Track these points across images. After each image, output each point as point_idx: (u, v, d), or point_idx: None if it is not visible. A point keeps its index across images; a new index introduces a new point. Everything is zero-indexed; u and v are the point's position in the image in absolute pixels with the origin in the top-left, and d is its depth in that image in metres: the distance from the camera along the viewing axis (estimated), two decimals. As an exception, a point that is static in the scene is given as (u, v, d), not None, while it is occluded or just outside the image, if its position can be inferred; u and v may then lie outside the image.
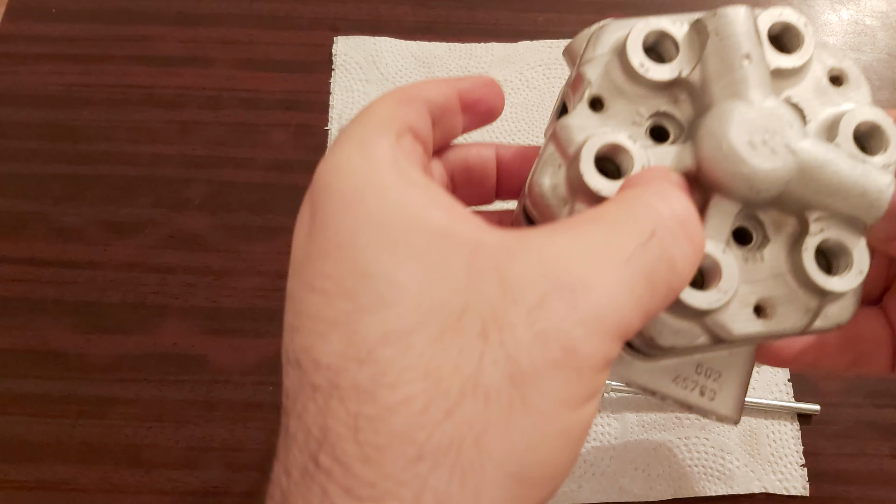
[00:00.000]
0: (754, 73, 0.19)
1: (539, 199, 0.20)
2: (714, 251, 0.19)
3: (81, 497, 0.33)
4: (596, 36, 0.21)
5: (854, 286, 0.19)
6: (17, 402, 0.35)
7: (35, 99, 0.42)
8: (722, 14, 0.20)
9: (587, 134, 0.19)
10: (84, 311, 0.37)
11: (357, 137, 0.18)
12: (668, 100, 0.21)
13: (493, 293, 0.15)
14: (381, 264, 0.16)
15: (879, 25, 0.46)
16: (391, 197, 0.17)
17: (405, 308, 0.15)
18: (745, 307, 0.19)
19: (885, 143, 0.21)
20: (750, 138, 0.18)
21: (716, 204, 0.19)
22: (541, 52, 0.44)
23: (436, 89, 0.21)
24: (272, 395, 0.35)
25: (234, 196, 0.40)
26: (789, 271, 0.20)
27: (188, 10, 0.45)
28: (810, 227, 0.19)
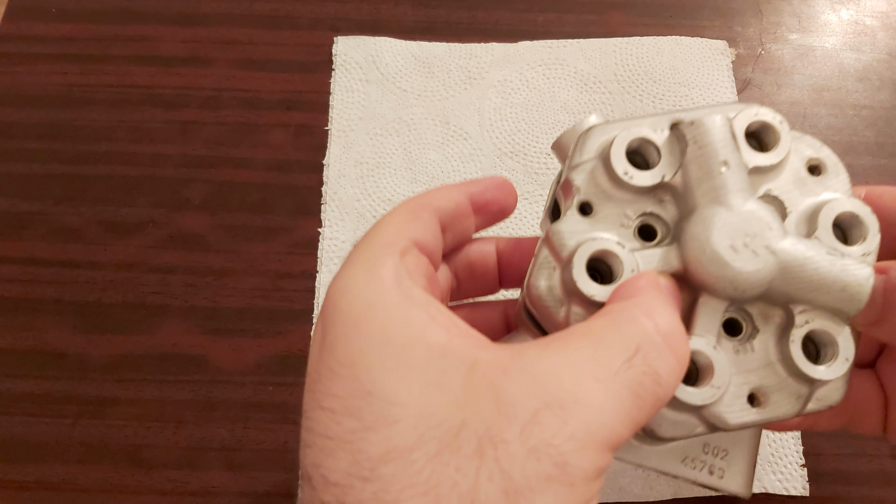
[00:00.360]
0: (733, 179, 0.20)
1: (537, 301, 0.21)
2: (706, 348, 0.19)
3: (81, 497, 0.33)
4: (582, 141, 0.22)
5: (841, 374, 0.20)
6: (17, 402, 0.35)
7: (35, 99, 0.42)
8: (699, 123, 0.21)
9: (578, 239, 0.21)
10: (84, 311, 0.37)
11: (364, 258, 0.20)
12: (653, 201, 0.22)
13: (488, 410, 0.16)
14: (384, 383, 0.17)
15: (879, 26, 0.46)
16: (393, 317, 0.18)
17: (405, 426, 0.16)
18: (739, 398, 0.20)
19: (864, 232, 0.21)
20: (732, 242, 0.19)
21: (704, 302, 0.20)
22: (541, 53, 0.44)
23: (446, 197, 0.23)
24: (272, 395, 0.35)
25: (234, 196, 0.40)
26: (779, 360, 0.21)
27: (188, 10, 0.45)
28: (796, 318, 0.20)
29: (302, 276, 0.38)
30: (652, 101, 0.42)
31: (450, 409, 0.16)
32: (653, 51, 0.44)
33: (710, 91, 0.43)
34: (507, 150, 0.41)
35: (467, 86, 0.43)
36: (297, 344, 0.37)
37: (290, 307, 0.37)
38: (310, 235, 0.39)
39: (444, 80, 0.43)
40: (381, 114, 0.42)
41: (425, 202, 0.22)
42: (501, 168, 0.41)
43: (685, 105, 0.42)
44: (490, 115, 0.42)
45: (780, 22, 0.46)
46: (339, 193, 0.40)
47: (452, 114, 0.42)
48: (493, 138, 0.41)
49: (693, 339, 0.20)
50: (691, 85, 0.43)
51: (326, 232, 0.39)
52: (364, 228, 0.39)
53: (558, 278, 0.21)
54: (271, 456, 0.34)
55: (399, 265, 0.20)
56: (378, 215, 0.39)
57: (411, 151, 0.41)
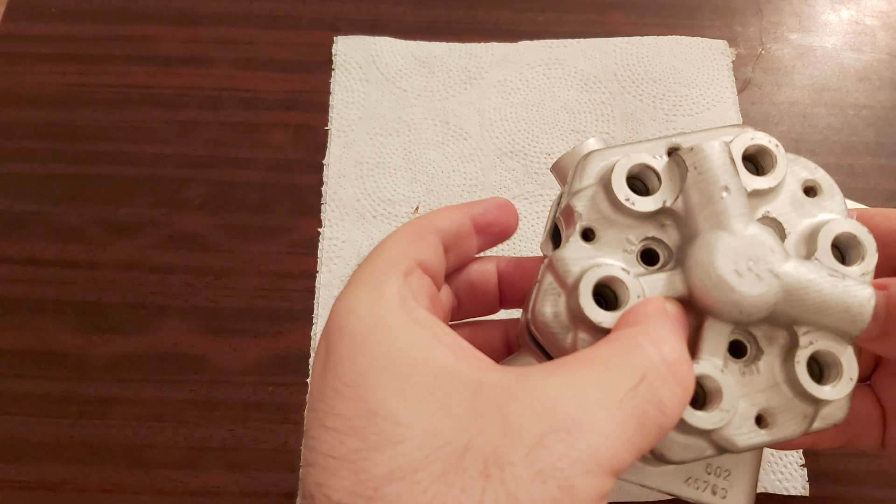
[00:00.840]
0: (733, 204, 0.21)
1: (543, 328, 0.21)
2: (714, 373, 0.20)
3: (81, 497, 0.33)
4: (581, 166, 0.22)
5: (845, 394, 0.21)
6: (18, 402, 0.35)
7: (35, 99, 0.42)
8: (698, 150, 0.21)
9: (582, 265, 0.21)
10: (84, 311, 0.37)
11: (368, 278, 0.20)
12: (654, 226, 0.22)
13: (494, 432, 0.16)
14: (388, 404, 0.17)
15: (880, 25, 0.46)
16: (398, 339, 0.18)
17: (410, 446, 0.16)
18: (747, 419, 0.20)
19: (863, 252, 0.22)
20: (736, 266, 0.20)
21: (710, 326, 0.20)
22: (541, 52, 0.44)
23: (448, 218, 0.23)
24: (272, 395, 0.35)
25: (234, 196, 0.40)
26: (784, 381, 0.21)
27: (188, 9, 0.45)
28: (800, 340, 0.21)
29: (302, 275, 0.38)
30: (652, 101, 0.42)
31: (455, 431, 0.16)
32: (653, 50, 0.44)
33: (710, 91, 0.43)
34: (507, 150, 0.41)
35: (467, 86, 0.43)
36: (297, 344, 0.37)
37: (290, 307, 0.37)
38: (310, 235, 0.39)
39: (444, 79, 0.43)
40: (381, 114, 0.42)
41: (428, 223, 0.22)
42: (501, 168, 0.41)
43: (685, 105, 0.42)
44: (490, 115, 0.42)
45: (780, 22, 0.46)
46: (339, 193, 0.40)
47: (452, 114, 0.42)
48: (493, 138, 0.41)
49: (700, 363, 0.20)
50: (691, 85, 0.43)
51: (326, 232, 0.39)
52: (364, 228, 0.39)
53: (563, 304, 0.21)
54: (271, 456, 0.34)
55: (403, 286, 0.20)
56: (378, 215, 0.39)
57: (411, 151, 0.41)
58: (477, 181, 0.40)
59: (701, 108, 0.42)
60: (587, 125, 0.42)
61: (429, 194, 0.40)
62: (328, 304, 0.37)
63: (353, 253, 0.38)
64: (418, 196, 0.40)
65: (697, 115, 0.42)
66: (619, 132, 0.42)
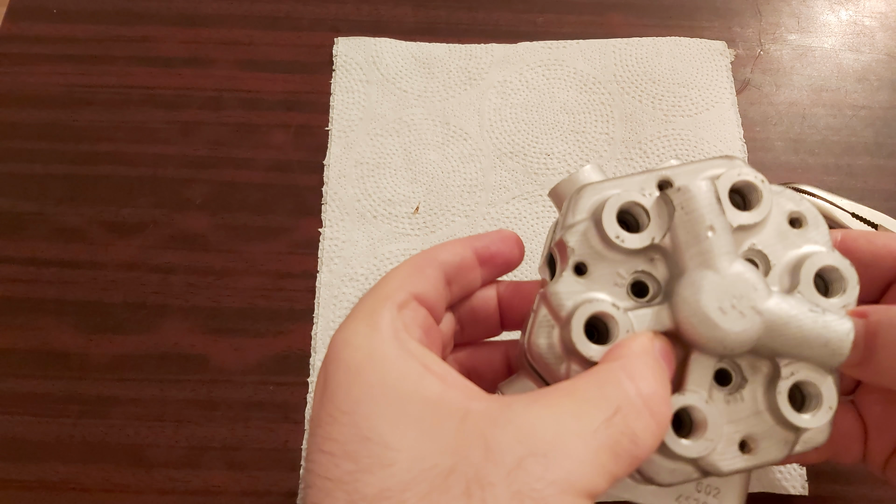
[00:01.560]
0: (719, 243, 0.21)
1: (539, 359, 0.22)
2: (699, 403, 0.21)
3: (82, 496, 0.33)
4: (575, 201, 0.23)
5: (825, 422, 0.22)
6: (19, 401, 0.35)
7: (36, 99, 0.42)
8: (685, 190, 0.22)
9: (575, 300, 0.22)
10: (85, 311, 0.37)
11: (365, 311, 0.21)
12: (644, 260, 0.23)
13: (477, 456, 0.18)
14: (381, 430, 0.18)
15: (878, 26, 0.46)
16: (391, 370, 0.20)
17: (399, 468, 0.18)
18: (731, 445, 0.21)
19: (845, 285, 0.23)
20: (720, 304, 0.21)
21: (696, 359, 0.21)
22: (540, 53, 0.44)
23: (450, 251, 0.24)
24: (273, 394, 0.36)
25: (235, 196, 0.40)
26: (767, 409, 0.22)
27: (189, 10, 0.45)
28: (782, 371, 0.22)
29: (302, 275, 0.38)
30: (651, 102, 0.42)
31: (442, 454, 0.18)
32: (652, 52, 0.44)
33: (709, 91, 0.43)
34: (507, 151, 0.41)
35: (467, 86, 0.43)
36: (298, 343, 0.37)
37: (290, 307, 0.37)
38: (310, 235, 0.39)
39: (444, 80, 0.43)
40: (381, 114, 0.42)
41: (430, 257, 0.24)
42: (501, 168, 0.41)
43: (684, 105, 0.42)
44: (490, 116, 0.42)
45: (778, 22, 0.46)
46: (339, 193, 0.40)
47: (452, 114, 0.42)
48: (492, 139, 0.42)
49: (686, 394, 0.21)
50: (690, 85, 0.43)
51: (327, 232, 0.39)
52: (364, 228, 0.39)
53: (557, 336, 0.22)
54: (272, 455, 0.34)
55: (396, 318, 0.21)
56: (378, 215, 0.39)
57: (411, 152, 0.41)
58: (477, 181, 0.40)
59: (700, 109, 0.42)
60: (586, 126, 0.42)
61: (429, 194, 0.40)
62: (329, 303, 0.37)
63: (354, 253, 0.38)
64: (418, 196, 0.40)
65: (696, 116, 0.42)
66: (619, 132, 0.42)
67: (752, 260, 0.23)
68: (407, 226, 0.39)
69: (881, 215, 0.37)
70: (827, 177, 0.41)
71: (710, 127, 0.42)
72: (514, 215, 0.40)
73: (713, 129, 0.42)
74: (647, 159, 0.41)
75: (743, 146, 0.42)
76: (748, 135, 0.42)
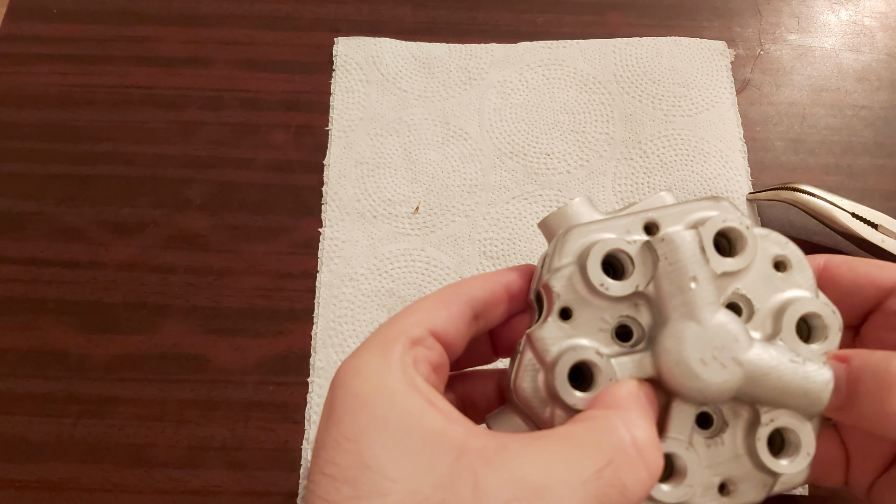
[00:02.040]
0: (701, 294, 0.22)
1: (524, 401, 0.23)
2: (680, 450, 0.21)
3: (83, 496, 0.33)
4: (561, 244, 0.24)
5: (802, 468, 0.22)
6: (19, 401, 0.35)
7: (36, 99, 0.42)
8: (669, 240, 0.22)
9: (560, 346, 0.22)
10: (85, 311, 0.37)
11: (378, 343, 0.22)
12: (628, 306, 0.23)
13: (466, 495, 0.18)
14: (381, 460, 0.19)
15: (878, 26, 0.46)
16: (396, 403, 0.20)
17: (394, 499, 0.18)
18: (711, 489, 0.22)
19: (826, 332, 0.23)
20: (702, 356, 0.21)
21: (677, 406, 0.22)
22: (540, 53, 0.44)
23: (482, 288, 0.24)
24: (273, 394, 0.36)
25: (234, 196, 0.40)
26: (746, 453, 0.22)
27: (189, 10, 0.45)
28: (762, 418, 0.22)
29: (302, 275, 0.38)
30: (651, 102, 0.42)
31: (435, 489, 0.18)
32: (652, 51, 0.44)
33: (709, 91, 0.43)
34: (507, 151, 0.41)
35: (467, 86, 0.43)
36: (298, 343, 0.37)
37: (290, 307, 0.37)
38: (310, 235, 0.39)
39: (444, 80, 0.43)
40: (381, 114, 0.42)
41: (460, 292, 0.24)
42: (501, 168, 0.41)
43: (684, 105, 0.42)
44: (490, 116, 0.42)
45: (778, 22, 0.46)
46: (339, 193, 0.40)
47: (452, 114, 0.42)
48: (492, 138, 0.42)
49: (668, 441, 0.22)
50: (690, 85, 0.43)
51: (327, 232, 0.39)
52: (364, 228, 0.39)
53: (542, 381, 0.22)
54: (272, 455, 0.34)
55: (406, 354, 0.22)
56: (378, 215, 0.39)
57: (411, 152, 0.41)
58: (477, 181, 0.40)
59: (700, 109, 0.42)
60: (586, 126, 0.42)
61: (429, 194, 0.40)
62: (329, 303, 0.37)
63: (354, 253, 0.38)
64: (418, 196, 0.40)
65: (696, 116, 0.42)
66: (619, 132, 0.42)
67: (736, 304, 0.24)
68: (407, 226, 0.39)
69: (881, 215, 0.37)
70: (827, 177, 0.41)
71: (710, 127, 0.42)
72: (514, 215, 0.40)
73: (713, 129, 0.42)
74: (647, 159, 0.41)
75: (743, 146, 0.42)
76: (748, 135, 0.42)
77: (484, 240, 0.39)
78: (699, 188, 0.40)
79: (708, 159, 0.41)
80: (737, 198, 0.40)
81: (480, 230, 0.39)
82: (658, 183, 0.40)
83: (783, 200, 0.38)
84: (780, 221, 0.40)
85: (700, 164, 0.41)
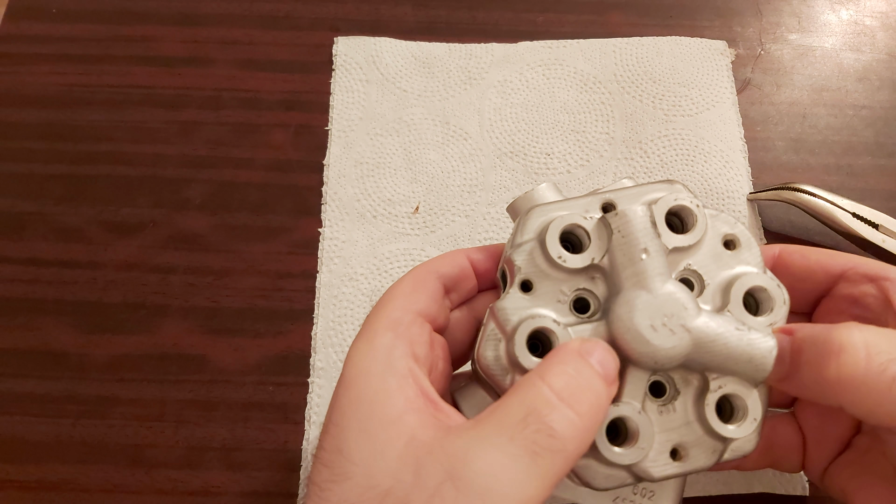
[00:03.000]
0: (652, 265, 0.23)
1: (486, 370, 0.24)
2: (632, 414, 0.22)
3: (82, 497, 0.33)
4: (523, 222, 0.25)
5: (749, 433, 0.23)
6: (18, 402, 0.35)
7: (35, 99, 0.42)
8: (622, 214, 0.24)
9: (520, 315, 0.24)
10: (84, 311, 0.37)
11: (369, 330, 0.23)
12: (585, 278, 0.24)
13: (409, 481, 0.19)
14: (349, 443, 0.20)
15: (879, 26, 0.46)
16: (370, 386, 0.21)
17: (355, 483, 0.20)
18: (663, 453, 0.23)
19: (772, 304, 0.24)
20: (652, 322, 0.22)
21: (630, 372, 0.23)
22: (540, 53, 0.44)
23: (450, 263, 0.26)
24: (272, 394, 0.35)
25: (234, 196, 0.40)
26: (696, 420, 0.23)
27: (189, 10, 0.45)
28: (710, 384, 0.23)
29: (302, 276, 0.38)
30: (651, 101, 0.42)
31: (384, 475, 0.19)
32: (652, 51, 0.44)
33: (709, 91, 0.43)
34: (507, 150, 0.41)
35: (467, 86, 0.43)
36: (298, 344, 0.37)
37: (290, 307, 0.37)
38: (310, 235, 0.39)
39: (444, 80, 0.43)
40: (381, 114, 0.42)
41: (432, 269, 0.25)
42: (501, 168, 0.41)
43: (685, 105, 0.42)
44: (490, 116, 0.42)
45: (779, 22, 0.46)
46: (339, 193, 0.40)
47: (452, 114, 0.42)
48: (492, 138, 0.41)
49: (621, 405, 0.23)
50: (691, 85, 0.43)
51: (327, 232, 0.39)
52: (364, 228, 0.39)
53: (504, 350, 0.23)
54: (271, 456, 0.34)
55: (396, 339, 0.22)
56: (378, 215, 0.39)
57: (411, 151, 0.41)
58: (477, 181, 0.40)
59: (700, 109, 0.42)
60: (587, 125, 0.42)
61: (429, 194, 0.40)
62: (328, 303, 0.37)
63: (354, 253, 0.38)
64: (418, 196, 0.40)
65: (697, 116, 0.42)
66: (619, 132, 0.42)
67: (687, 279, 0.25)
68: (407, 225, 0.39)
69: (882, 215, 0.37)
70: (828, 177, 0.41)
71: (710, 126, 0.42)
72: (514, 215, 0.39)
73: (714, 129, 0.42)
74: (647, 159, 0.41)
75: (743, 146, 0.42)
76: (749, 134, 0.42)
77: (484, 240, 0.39)
78: (700, 188, 0.40)
79: (708, 159, 0.41)
80: (737, 197, 0.40)
81: (480, 230, 0.39)
82: (658, 183, 0.40)
83: (784, 200, 0.38)
84: (781, 221, 0.40)
85: (701, 164, 0.41)
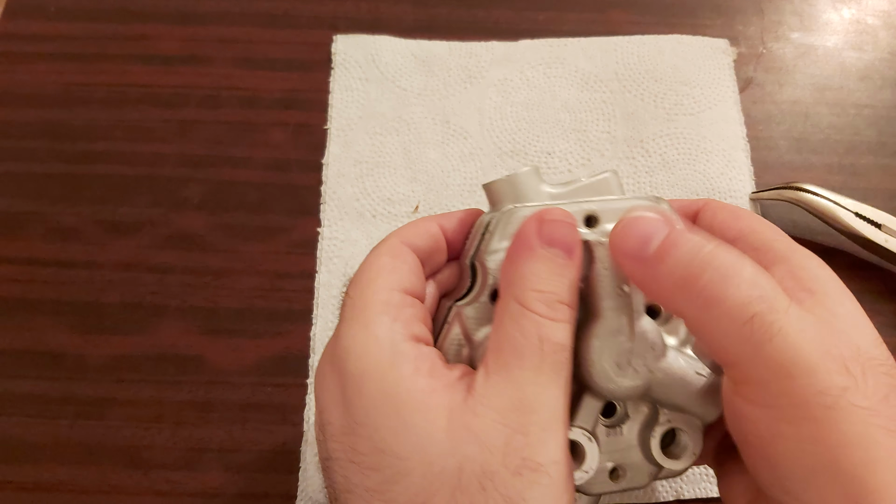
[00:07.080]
0: (629, 302, 0.23)
1: None
2: (582, 440, 0.23)
3: (80, 498, 0.33)
4: (502, 225, 0.24)
5: (688, 465, 0.24)
6: (15, 402, 0.35)
7: (33, 98, 0.42)
8: (606, 248, 0.23)
9: (487, 328, 0.24)
10: (82, 312, 0.37)
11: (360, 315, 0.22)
12: None
13: (474, 450, 0.20)
14: (388, 441, 0.20)
15: (881, 24, 0.46)
16: (387, 377, 0.21)
17: (416, 476, 0.20)
18: (603, 472, 0.24)
19: None
20: (618, 360, 0.23)
21: (586, 399, 0.23)
22: (541, 51, 0.44)
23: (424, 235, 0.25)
24: (270, 395, 0.35)
25: (232, 195, 0.40)
26: (639, 445, 0.24)
27: (187, 8, 0.45)
28: (660, 417, 0.24)
29: (301, 276, 0.38)
30: (653, 100, 0.42)
31: (443, 456, 0.20)
32: (654, 49, 0.43)
33: (711, 90, 0.42)
34: (508, 149, 0.41)
35: (467, 85, 0.43)
36: (296, 344, 0.36)
37: (288, 307, 0.37)
38: (309, 235, 0.39)
39: (444, 78, 0.43)
40: (380, 113, 0.42)
41: (406, 240, 0.25)
42: (502, 167, 0.40)
43: (686, 104, 0.42)
44: (490, 114, 0.42)
45: (781, 21, 0.46)
46: (338, 193, 0.40)
47: (452, 113, 0.42)
48: (493, 137, 0.41)
49: (573, 430, 0.23)
50: (693, 84, 0.42)
51: (325, 232, 0.39)
52: (363, 228, 0.39)
53: (466, 355, 0.24)
54: (270, 457, 0.34)
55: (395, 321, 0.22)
56: (378, 214, 0.39)
57: (411, 150, 0.41)
58: (477, 180, 0.40)
59: (702, 108, 0.42)
60: (588, 124, 0.42)
61: (428, 193, 0.40)
62: (327, 304, 0.37)
63: (353, 253, 0.38)
64: (418, 195, 0.40)
65: (699, 114, 0.42)
66: (621, 131, 0.41)
67: (656, 307, 0.25)
68: (406, 225, 0.39)
69: (885, 215, 0.37)
70: (830, 176, 0.41)
71: (712, 125, 0.41)
72: (514, 215, 0.39)
73: (716, 128, 0.41)
74: (649, 158, 0.41)
75: (746, 145, 0.41)
76: (751, 133, 0.42)
77: (484, 239, 0.39)
78: (702, 187, 0.40)
79: (711, 158, 0.41)
80: (740, 197, 0.40)
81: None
82: (660, 182, 0.40)
83: (787, 200, 0.38)
84: (784, 221, 0.39)
85: (703, 164, 0.40)
